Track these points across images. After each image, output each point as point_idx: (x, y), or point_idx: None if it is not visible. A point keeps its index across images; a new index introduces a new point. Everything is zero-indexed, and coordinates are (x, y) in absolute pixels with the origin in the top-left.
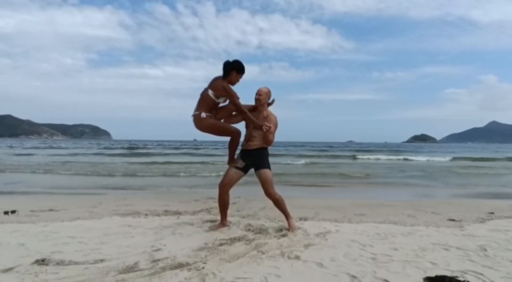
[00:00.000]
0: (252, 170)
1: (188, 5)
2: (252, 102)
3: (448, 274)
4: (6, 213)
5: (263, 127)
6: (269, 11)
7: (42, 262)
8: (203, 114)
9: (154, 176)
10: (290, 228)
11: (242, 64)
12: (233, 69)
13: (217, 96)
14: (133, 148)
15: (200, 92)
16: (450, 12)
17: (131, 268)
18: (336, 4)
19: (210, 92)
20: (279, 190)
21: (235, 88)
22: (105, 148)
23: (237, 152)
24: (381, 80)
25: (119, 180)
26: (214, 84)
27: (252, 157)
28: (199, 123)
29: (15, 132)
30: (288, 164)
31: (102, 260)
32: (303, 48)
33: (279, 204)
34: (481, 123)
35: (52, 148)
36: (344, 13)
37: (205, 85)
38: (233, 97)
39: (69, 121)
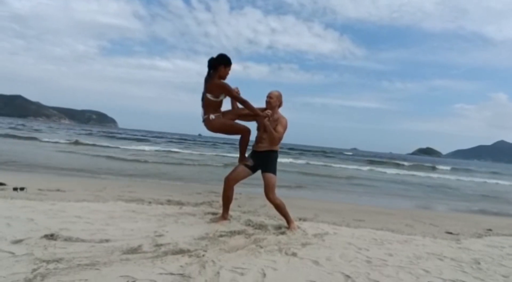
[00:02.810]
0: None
1: (202, 0)
2: (262, 104)
3: None
4: (15, 189)
5: (265, 113)
6: (282, 12)
7: (51, 236)
8: (212, 116)
9: (156, 167)
10: (290, 228)
11: (228, 56)
12: (221, 64)
13: (217, 96)
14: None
15: (201, 97)
16: (463, 26)
17: (135, 250)
18: (349, 10)
19: (209, 96)
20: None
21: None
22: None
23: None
24: (390, 90)
25: (124, 169)
26: (209, 87)
27: (261, 159)
28: (209, 125)
29: (24, 113)
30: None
31: (107, 240)
32: (313, 51)
33: (279, 208)
34: (488, 141)
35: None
36: (356, 19)
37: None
38: (230, 91)
39: (77, 106)
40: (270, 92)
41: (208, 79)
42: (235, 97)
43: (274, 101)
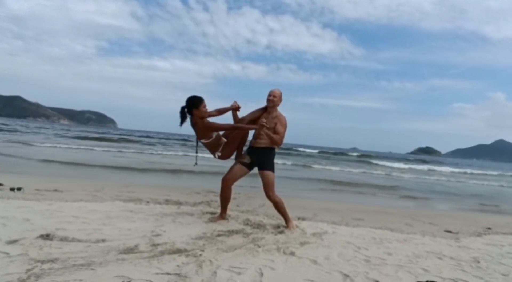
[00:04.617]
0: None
1: (199, 1)
2: (261, 103)
3: (439, 281)
4: (12, 189)
5: (260, 123)
6: (280, 12)
7: (46, 236)
8: (218, 154)
9: (157, 167)
10: (288, 227)
11: (194, 97)
12: (192, 109)
13: (210, 137)
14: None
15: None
16: (462, 26)
17: (131, 250)
18: (347, 9)
19: (203, 141)
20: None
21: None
22: None
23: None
24: (388, 90)
25: (123, 168)
26: (199, 135)
27: (258, 155)
28: (222, 158)
29: (23, 114)
30: None
31: (103, 240)
32: (311, 51)
33: (278, 207)
34: (487, 141)
35: None
36: (355, 19)
37: (212, 80)
38: (217, 128)
39: (76, 107)
40: (272, 90)
41: (193, 125)
42: (225, 128)
43: (277, 100)
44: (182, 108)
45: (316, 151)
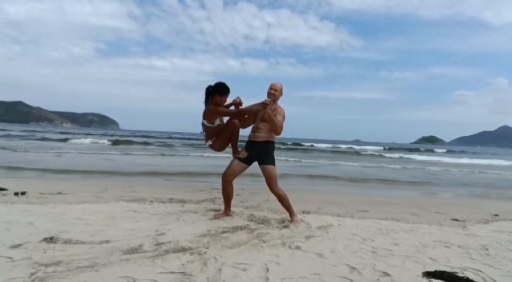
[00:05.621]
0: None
1: None
2: (261, 99)
3: (448, 270)
4: (16, 194)
5: (265, 101)
6: (277, 6)
7: (50, 239)
8: (210, 142)
9: (159, 167)
10: (292, 220)
11: (225, 85)
12: (216, 92)
13: (212, 122)
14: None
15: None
16: (461, 13)
17: (135, 250)
18: (344, 0)
19: (205, 122)
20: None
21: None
22: None
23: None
24: (389, 80)
25: (125, 167)
26: (205, 115)
27: (257, 150)
28: (212, 149)
29: (25, 119)
30: None
31: (107, 241)
32: (310, 44)
33: (282, 200)
34: (491, 127)
35: None
36: (352, 10)
37: (212, 78)
38: (222, 113)
39: (78, 109)
40: (273, 84)
41: (206, 105)
42: (229, 114)
43: (278, 93)
44: (208, 87)
45: (327, 146)
